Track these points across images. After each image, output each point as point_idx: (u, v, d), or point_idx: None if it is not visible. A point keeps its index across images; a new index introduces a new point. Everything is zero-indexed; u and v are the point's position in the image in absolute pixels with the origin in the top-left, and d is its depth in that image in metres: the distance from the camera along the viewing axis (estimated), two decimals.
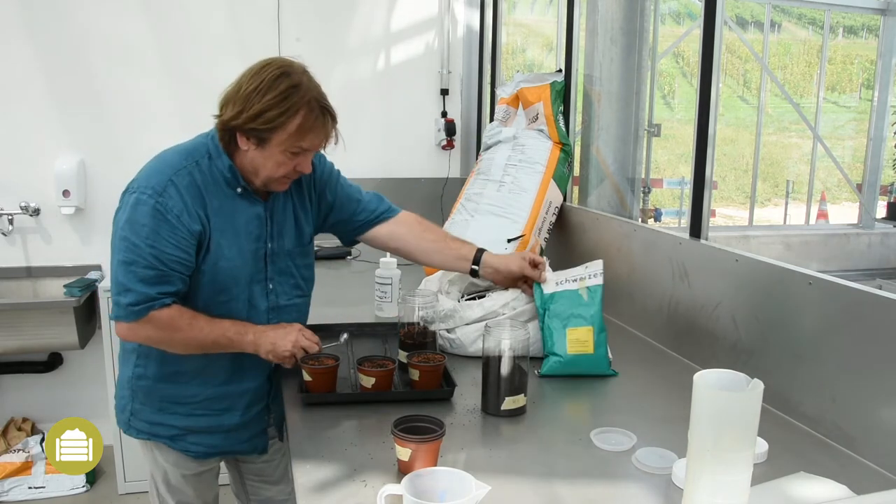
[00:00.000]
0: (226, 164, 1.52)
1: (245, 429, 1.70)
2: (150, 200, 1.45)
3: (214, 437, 1.67)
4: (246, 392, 1.67)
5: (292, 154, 1.49)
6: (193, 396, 1.62)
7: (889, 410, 1.28)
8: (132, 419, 1.66)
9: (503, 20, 3.54)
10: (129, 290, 1.45)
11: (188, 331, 1.49)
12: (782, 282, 1.55)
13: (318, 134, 1.50)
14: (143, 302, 1.45)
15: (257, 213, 1.58)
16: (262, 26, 3.34)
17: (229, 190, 1.54)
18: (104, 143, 3.23)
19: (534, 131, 2.65)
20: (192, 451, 1.67)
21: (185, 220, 1.46)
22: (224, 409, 1.65)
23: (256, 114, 1.43)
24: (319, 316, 1.99)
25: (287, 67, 1.48)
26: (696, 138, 1.86)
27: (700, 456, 1.00)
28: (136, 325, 1.47)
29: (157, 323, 1.47)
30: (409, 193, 3.56)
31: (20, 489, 3.03)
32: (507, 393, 1.48)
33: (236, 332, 1.53)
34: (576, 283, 1.78)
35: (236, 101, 1.46)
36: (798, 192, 9.63)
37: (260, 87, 1.44)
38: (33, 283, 3.28)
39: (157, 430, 1.65)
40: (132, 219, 1.46)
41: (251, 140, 1.48)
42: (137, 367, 1.62)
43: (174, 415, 1.63)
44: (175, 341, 1.51)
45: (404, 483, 1.06)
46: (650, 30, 2.81)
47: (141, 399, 1.64)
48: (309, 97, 1.47)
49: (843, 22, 12.61)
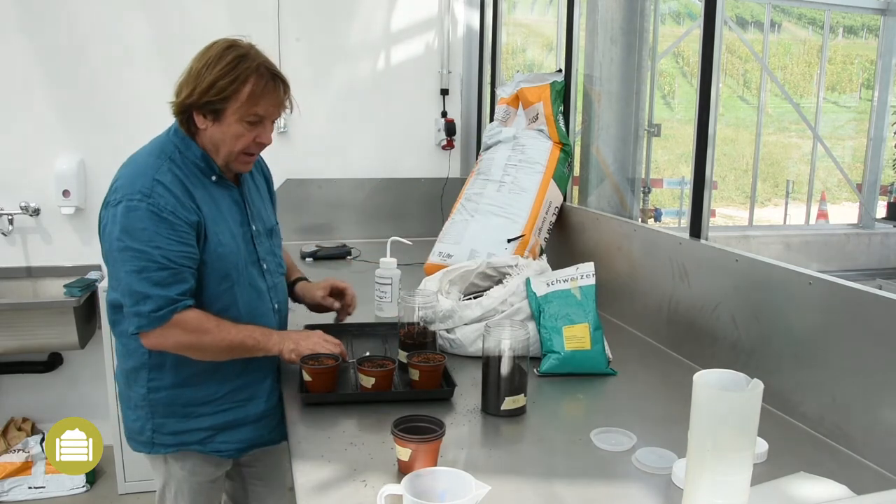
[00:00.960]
0: (197, 153, 1.55)
1: (272, 416, 1.71)
2: (142, 204, 1.45)
3: (244, 431, 1.67)
4: (266, 377, 1.68)
5: (249, 124, 1.51)
6: (216, 392, 1.62)
7: (889, 410, 1.28)
8: (155, 436, 1.62)
9: (503, 20, 3.54)
10: (148, 296, 1.44)
11: (217, 332, 1.50)
12: (782, 282, 1.55)
13: (271, 99, 1.52)
14: (166, 306, 1.45)
15: (234, 199, 1.62)
16: (262, 26, 3.34)
17: (206, 179, 1.56)
18: (104, 143, 3.23)
19: (534, 131, 2.65)
20: (223, 450, 1.66)
21: (181, 215, 1.47)
22: (248, 399, 1.66)
23: (208, 86, 1.46)
24: (320, 316, 1.99)
25: (233, 41, 1.52)
26: (696, 138, 1.86)
27: (700, 456, 1.00)
28: (164, 331, 1.46)
29: (185, 326, 1.47)
30: (409, 193, 3.57)
31: (20, 489, 3.03)
32: (506, 393, 1.48)
33: (262, 332, 1.57)
34: (567, 283, 1.79)
35: (188, 81, 1.49)
36: (798, 192, 9.63)
37: (209, 62, 1.48)
38: (33, 283, 3.28)
39: (184, 438, 1.63)
40: (128, 227, 1.44)
41: (207, 117, 1.50)
42: (151, 380, 1.59)
43: (200, 417, 1.62)
44: (205, 344, 1.51)
45: (404, 483, 1.07)
46: (650, 30, 2.81)
47: (162, 412, 1.61)
48: (257, 63, 1.50)
49: (843, 22, 12.61)
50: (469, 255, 2.43)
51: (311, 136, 3.47)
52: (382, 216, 3.54)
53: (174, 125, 1.57)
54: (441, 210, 3.37)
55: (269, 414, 1.70)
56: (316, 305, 1.86)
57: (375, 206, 3.55)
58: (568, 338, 1.72)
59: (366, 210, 3.54)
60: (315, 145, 3.49)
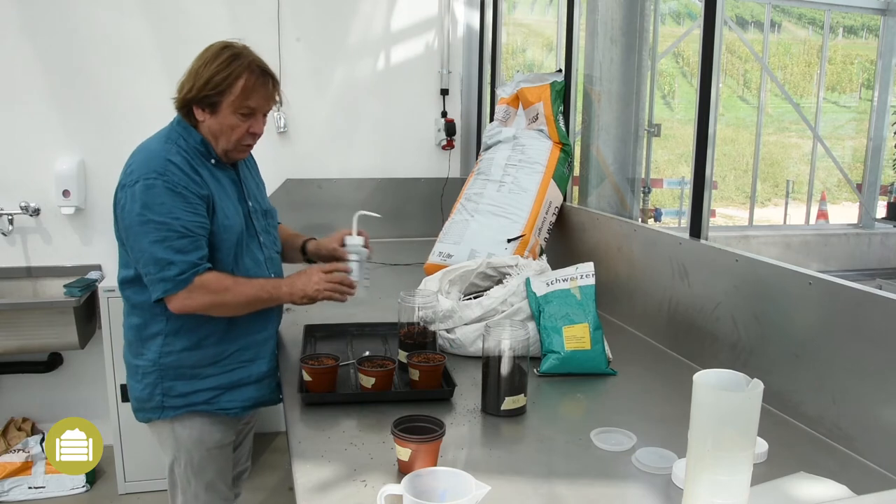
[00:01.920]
0: (198, 138, 1.70)
1: (273, 376, 1.83)
2: (158, 181, 1.60)
3: (248, 390, 1.79)
4: (269, 338, 1.82)
5: (243, 116, 1.68)
6: (223, 352, 1.74)
7: (889, 410, 1.28)
8: (165, 399, 1.73)
9: (503, 20, 3.54)
10: (171, 262, 1.59)
11: (235, 288, 1.65)
12: (782, 282, 1.55)
13: (262, 94, 1.69)
14: (188, 269, 1.60)
15: (231, 178, 1.78)
16: (262, 26, 3.34)
17: (207, 162, 1.72)
18: (104, 143, 3.23)
19: (534, 131, 2.65)
20: (229, 408, 1.77)
21: (193, 189, 1.63)
22: (252, 359, 1.78)
23: (205, 81, 1.64)
24: (320, 316, 2.00)
25: (228, 42, 1.70)
26: (696, 138, 1.86)
27: (700, 456, 1.01)
28: (189, 293, 1.61)
29: (208, 287, 1.62)
30: (409, 193, 3.57)
31: (20, 489, 3.03)
32: (506, 393, 1.48)
33: (273, 286, 1.71)
34: (566, 282, 1.79)
35: (188, 79, 1.67)
36: (798, 192, 9.64)
37: (206, 61, 1.66)
38: (33, 283, 3.28)
39: (192, 398, 1.74)
40: (148, 202, 1.59)
41: (206, 110, 1.68)
42: (165, 345, 1.71)
43: (208, 378, 1.74)
44: (227, 302, 1.65)
45: (404, 483, 1.07)
46: (650, 30, 2.81)
47: (172, 375, 1.72)
48: (249, 61, 1.67)
49: (843, 22, 12.62)
50: (469, 255, 2.43)
51: (311, 136, 3.47)
52: (382, 216, 3.53)
53: (177, 117, 1.73)
54: (441, 210, 3.37)
55: (270, 374, 1.83)
56: (331, 257, 1.92)
57: (375, 206, 3.51)
58: (568, 338, 1.72)
59: (366, 210, 3.53)
60: (315, 145, 3.49)
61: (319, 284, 1.70)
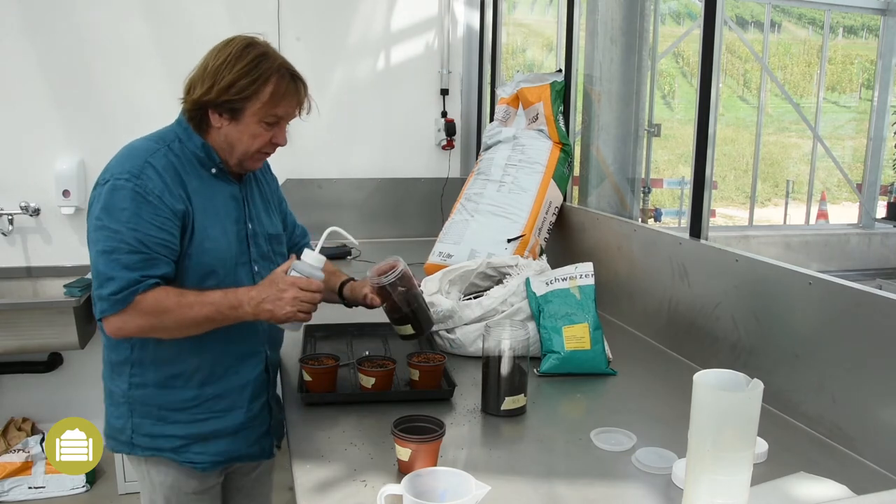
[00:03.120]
0: (198, 143, 1.49)
1: (250, 428, 1.62)
2: (128, 184, 1.39)
3: (220, 443, 1.57)
4: (246, 385, 1.59)
5: (267, 125, 1.48)
6: (194, 399, 1.53)
7: (889, 410, 1.28)
8: (134, 436, 1.54)
9: (503, 20, 3.54)
10: (111, 278, 1.37)
11: (178, 311, 1.39)
12: (782, 282, 1.55)
13: (292, 100, 1.50)
14: (126, 287, 1.36)
15: (233, 194, 1.56)
16: (262, 26, 3.30)
17: (204, 171, 1.51)
18: (104, 143, 3.18)
19: (534, 131, 2.65)
20: (197, 462, 1.56)
21: (167, 200, 1.41)
22: (227, 409, 1.56)
23: (228, 85, 1.42)
24: (320, 316, 1.99)
25: (251, 39, 1.48)
26: (696, 138, 1.86)
27: (700, 456, 1.00)
28: (124, 315, 1.38)
29: (143, 308, 1.38)
30: (409, 193, 3.57)
31: (20, 489, 3.03)
32: (507, 393, 1.48)
33: (229, 306, 1.41)
34: (566, 281, 1.79)
35: (205, 78, 1.44)
36: (798, 192, 9.64)
37: (228, 60, 1.43)
38: (33, 283, 3.28)
39: (159, 443, 1.54)
40: (109, 205, 1.39)
41: (224, 115, 1.46)
42: (133, 376, 1.52)
43: (176, 424, 1.53)
44: (167, 325, 1.40)
45: (404, 483, 1.07)
46: (650, 30, 2.81)
47: (140, 412, 1.53)
48: (278, 64, 1.47)
49: (843, 22, 12.62)
50: (469, 255, 2.43)
51: (311, 136, 3.47)
52: (382, 216, 3.54)
53: (179, 116, 1.52)
54: (441, 210, 3.37)
55: (247, 426, 1.60)
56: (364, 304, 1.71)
57: (375, 206, 3.55)
58: (568, 338, 1.72)
59: (366, 210, 3.54)
60: (315, 145, 3.49)
61: (293, 306, 1.39)
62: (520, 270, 1.91)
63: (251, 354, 1.59)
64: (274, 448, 1.72)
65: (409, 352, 1.67)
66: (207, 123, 1.49)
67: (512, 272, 1.93)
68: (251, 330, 1.57)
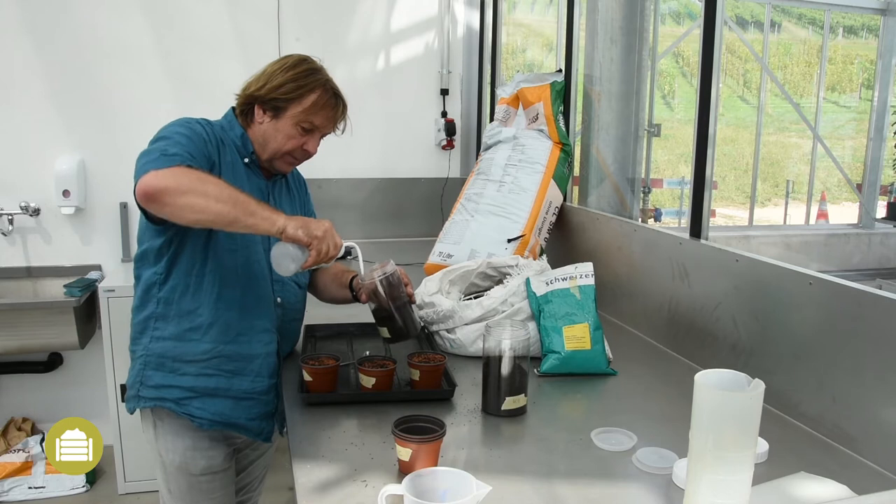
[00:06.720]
0: (238, 132, 1.66)
1: (253, 401, 1.68)
2: (180, 120, 1.57)
3: (222, 403, 1.65)
4: (255, 357, 1.67)
5: (303, 129, 1.64)
6: (206, 353, 1.61)
7: (889, 410, 1.29)
8: (141, 388, 1.64)
9: (503, 20, 3.54)
10: (167, 151, 1.44)
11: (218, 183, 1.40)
12: (782, 282, 1.55)
13: (329, 114, 1.66)
14: (177, 155, 1.43)
15: (259, 186, 1.69)
16: (262, 26, 3.34)
17: (238, 157, 1.66)
18: (104, 143, 3.23)
19: (534, 131, 2.65)
20: (195, 416, 1.63)
21: (207, 141, 1.56)
22: (234, 372, 1.65)
23: (278, 85, 1.61)
24: (320, 316, 1.99)
25: (307, 57, 1.70)
26: (696, 138, 1.86)
27: (701, 456, 1.01)
28: (165, 171, 1.38)
29: (186, 170, 1.40)
30: (408, 193, 3.57)
31: (20, 489, 3.03)
32: (507, 393, 1.48)
33: (267, 207, 1.44)
34: (566, 281, 1.79)
35: (260, 78, 1.64)
36: (798, 192, 9.64)
37: (284, 66, 1.64)
38: (33, 283, 3.28)
39: (164, 392, 1.62)
40: (162, 131, 1.53)
41: (267, 112, 1.64)
42: (156, 330, 1.62)
43: (184, 376, 1.62)
44: (206, 191, 1.37)
45: (405, 483, 1.06)
46: (650, 30, 2.81)
47: (153, 364, 1.63)
48: (325, 79, 1.67)
49: (843, 22, 12.61)
50: (469, 255, 2.43)
51: None
52: (382, 216, 3.54)
53: (229, 110, 1.70)
54: (441, 210, 3.37)
55: (250, 397, 1.68)
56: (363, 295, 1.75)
57: (375, 206, 3.55)
58: (568, 338, 1.72)
59: (366, 210, 3.54)
60: None
61: (333, 239, 1.47)
62: (520, 270, 1.91)
63: (264, 330, 1.68)
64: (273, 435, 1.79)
65: (410, 352, 1.67)
66: (251, 118, 1.66)
67: (512, 272, 1.94)
68: (266, 308, 1.69)
